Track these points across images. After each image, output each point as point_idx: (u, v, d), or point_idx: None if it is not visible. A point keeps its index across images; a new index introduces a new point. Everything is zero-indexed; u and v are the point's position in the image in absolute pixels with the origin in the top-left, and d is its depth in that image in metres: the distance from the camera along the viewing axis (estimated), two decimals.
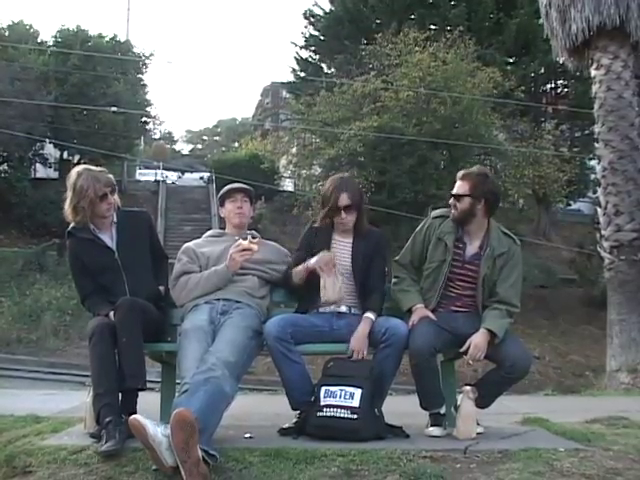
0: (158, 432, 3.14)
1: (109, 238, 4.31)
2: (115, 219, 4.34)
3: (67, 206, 4.23)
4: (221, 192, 4.56)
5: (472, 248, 4.21)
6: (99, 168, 4.41)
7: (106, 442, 3.47)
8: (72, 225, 4.31)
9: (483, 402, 4.08)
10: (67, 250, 4.44)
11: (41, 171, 28.67)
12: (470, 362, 4.00)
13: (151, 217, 4.75)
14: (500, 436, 3.98)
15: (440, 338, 4.01)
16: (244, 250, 4.11)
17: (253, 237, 4.23)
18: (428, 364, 4.01)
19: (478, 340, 3.95)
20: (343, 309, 4.21)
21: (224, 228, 4.61)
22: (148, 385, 3.89)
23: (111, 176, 4.36)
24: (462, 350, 3.98)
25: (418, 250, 4.33)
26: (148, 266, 4.41)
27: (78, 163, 29.31)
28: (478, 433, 3.97)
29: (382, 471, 3.36)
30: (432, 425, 4.07)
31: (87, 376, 4.10)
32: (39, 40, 28.16)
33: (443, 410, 4.11)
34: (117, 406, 3.75)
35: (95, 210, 4.21)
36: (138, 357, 3.84)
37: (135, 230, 4.41)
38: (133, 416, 3.25)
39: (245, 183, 4.74)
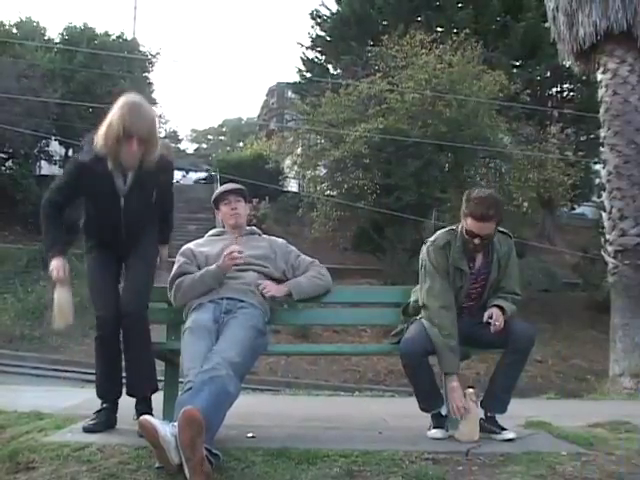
0: (168, 432, 3.15)
1: (122, 181, 4.04)
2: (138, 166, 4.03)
3: (100, 130, 3.97)
4: (213, 196, 4.60)
5: (479, 260, 4.23)
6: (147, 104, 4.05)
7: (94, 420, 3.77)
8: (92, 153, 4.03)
9: (501, 405, 4.11)
10: (65, 171, 4.24)
11: (46, 168, 28.67)
12: (497, 323, 3.98)
13: (173, 165, 4.51)
14: (502, 439, 3.97)
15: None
16: (232, 252, 4.13)
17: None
18: (419, 364, 4.03)
19: (494, 310, 4.04)
20: None
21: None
22: None
23: (154, 120, 4.04)
24: (485, 319, 4.02)
25: (444, 274, 4.16)
26: (153, 224, 4.25)
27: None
28: (509, 439, 3.96)
29: (384, 472, 3.36)
30: (434, 427, 4.08)
31: (90, 373, 4.11)
32: (46, 38, 28.16)
33: (444, 411, 4.11)
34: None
35: (118, 151, 3.92)
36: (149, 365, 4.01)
37: (152, 181, 4.09)
38: (143, 417, 3.24)
39: (249, 183, 4.77)
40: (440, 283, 4.12)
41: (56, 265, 3.94)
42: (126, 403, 4.06)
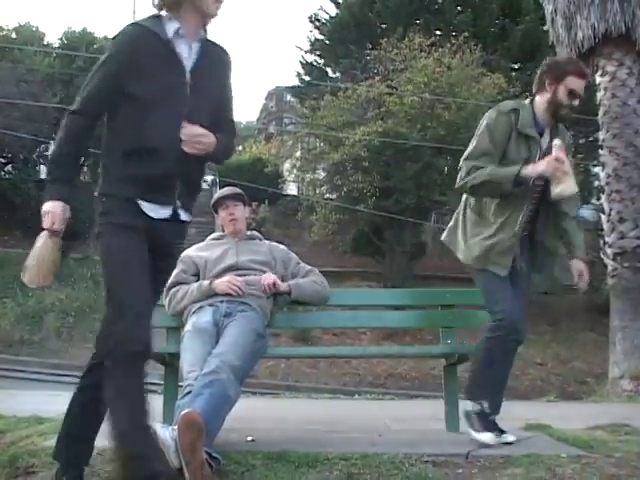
0: (167, 436, 3.15)
1: (187, 53, 2.97)
2: (204, 36, 3.07)
3: None
4: (212, 201, 4.61)
5: (545, 138, 3.79)
6: None
7: None
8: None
9: (495, 406, 3.97)
10: (102, 61, 3.21)
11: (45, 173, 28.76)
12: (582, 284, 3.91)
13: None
14: (502, 442, 3.97)
15: None
16: (235, 285, 4.13)
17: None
18: (514, 345, 3.86)
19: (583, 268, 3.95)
20: None
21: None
22: (152, 387, 3.87)
23: None
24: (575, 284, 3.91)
25: (500, 143, 3.70)
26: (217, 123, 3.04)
27: (82, 165, 29.37)
28: (508, 443, 3.87)
29: (384, 475, 3.35)
30: (484, 430, 3.83)
31: None
32: (45, 42, 28.18)
33: (487, 408, 3.89)
34: None
35: None
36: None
37: (217, 67, 3.10)
38: None
39: (249, 186, 4.77)
40: (488, 146, 3.71)
41: (53, 209, 2.86)
42: None
